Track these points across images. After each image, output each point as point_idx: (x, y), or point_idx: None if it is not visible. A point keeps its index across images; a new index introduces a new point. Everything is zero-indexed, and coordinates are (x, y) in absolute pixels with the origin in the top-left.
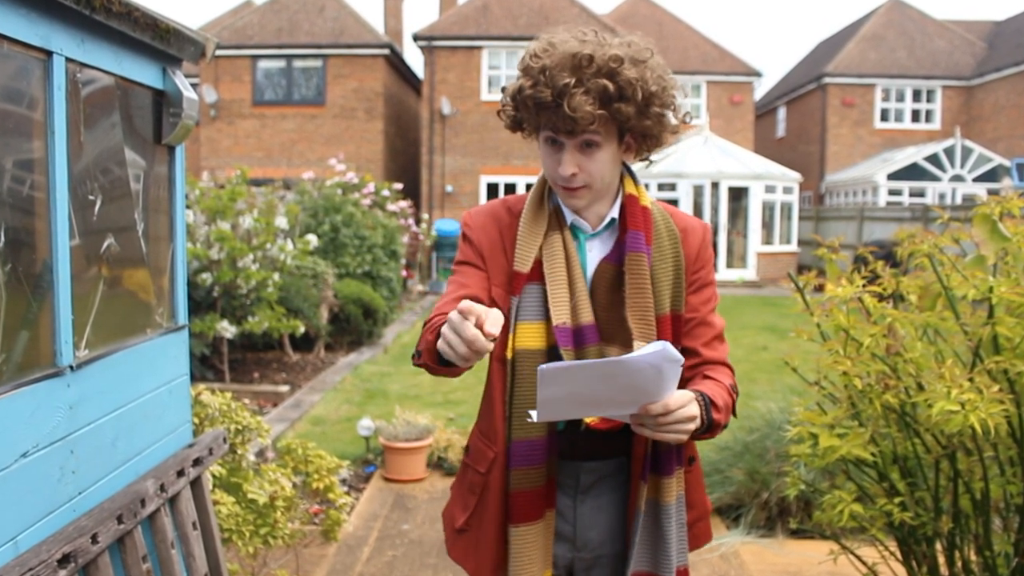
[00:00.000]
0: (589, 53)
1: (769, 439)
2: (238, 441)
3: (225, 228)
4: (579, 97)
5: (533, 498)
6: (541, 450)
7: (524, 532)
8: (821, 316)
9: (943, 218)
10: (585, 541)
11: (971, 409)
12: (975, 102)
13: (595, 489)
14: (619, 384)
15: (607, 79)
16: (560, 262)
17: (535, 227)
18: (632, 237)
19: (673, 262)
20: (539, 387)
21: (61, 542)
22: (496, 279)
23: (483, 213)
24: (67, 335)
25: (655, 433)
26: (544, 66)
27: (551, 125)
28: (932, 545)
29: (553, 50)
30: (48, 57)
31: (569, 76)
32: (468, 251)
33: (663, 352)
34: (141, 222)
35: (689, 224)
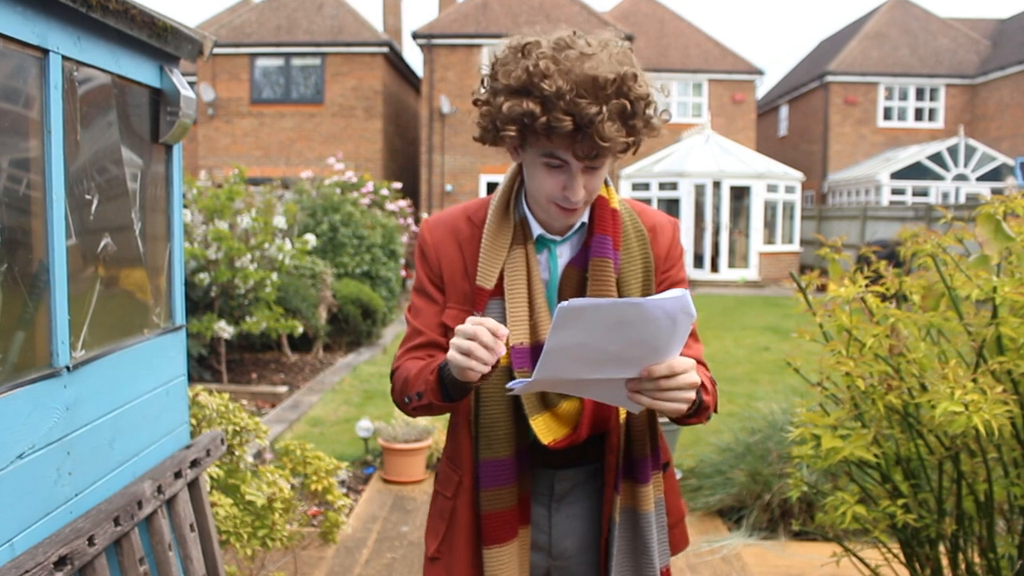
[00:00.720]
0: (612, 77)
1: (771, 440)
2: (236, 442)
3: (223, 228)
4: (608, 125)
5: (506, 518)
6: (510, 469)
7: (498, 554)
8: (823, 316)
9: (946, 217)
10: (561, 550)
11: (975, 410)
12: (979, 100)
13: (569, 496)
14: (631, 336)
15: (623, 98)
16: (521, 278)
17: (499, 240)
18: (598, 241)
19: (642, 263)
20: (553, 330)
21: (58, 544)
22: (454, 298)
23: (442, 226)
24: (63, 335)
25: (653, 401)
26: (560, 90)
27: (568, 149)
28: (935, 547)
29: (560, 68)
30: (44, 55)
31: (594, 104)
32: (423, 274)
33: (682, 300)
34: (138, 221)
35: (658, 222)
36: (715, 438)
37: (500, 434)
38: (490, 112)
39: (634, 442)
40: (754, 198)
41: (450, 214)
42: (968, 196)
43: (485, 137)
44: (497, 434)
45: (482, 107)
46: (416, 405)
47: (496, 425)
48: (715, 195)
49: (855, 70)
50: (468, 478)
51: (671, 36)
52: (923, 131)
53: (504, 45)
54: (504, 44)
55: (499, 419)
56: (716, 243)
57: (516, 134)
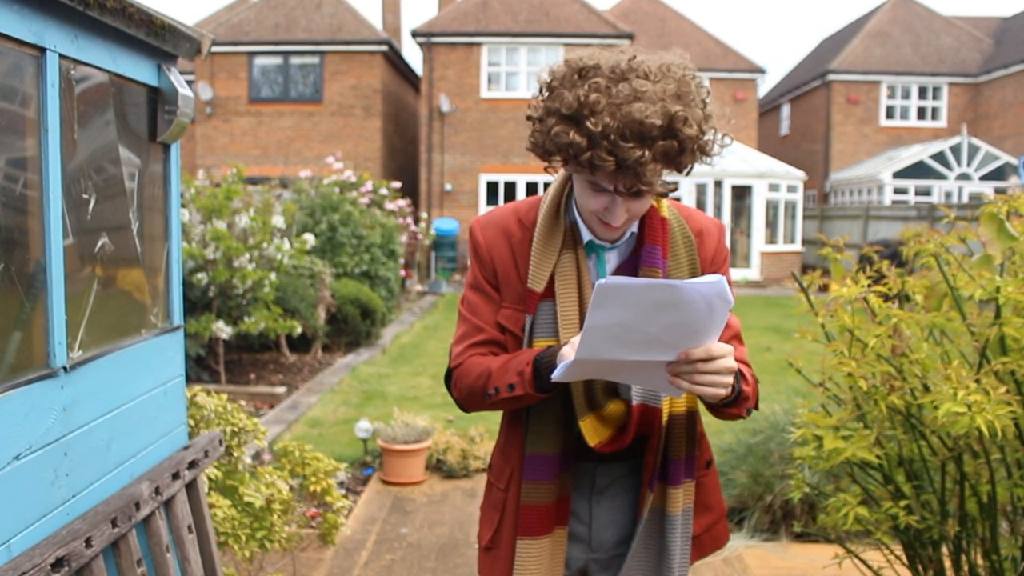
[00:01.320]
0: (660, 123)
1: (773, 441)
2: (234, 443)
3: (221, 227)
4: (650, 167)
5: (542, 513)
6: (553, 465)
7: (529, 546)
8: (825, 316)
9: (949, 217)
10: (600, 542)
11: (978, 411)
12: (982, 99)
13: (610, 490)
14: (669, 318)
15: (671, 140)
16: (572, 281)
17: (550, 244)
18: (648, 251)
19: (689, 269)
20: (592, 308)
21: (54, 546)
22: (508, 298)
23: (494, 227)
24: (61, 336)
25: (692, 385)
26: (606, 129)
27: (609, 181)
28: (938, 549)
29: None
30: (41, 54)
31: (638, 147)
32: (479, 272)
33: (718, 285)
34: (136, 221)
35: (705, 226)
36: (716, 439)
37: (548, 431)
38: (541, 131)
39: (672, 443)
40: (756, 197)
41: (501, 215)
42: (971, 195)
43: (535, 151)
44: (545, 431)
45: (535, 124)
46: (504, 397)
47: (544, 422)
48: (716, 194)
49: (857, 69)
50: (518, 471)
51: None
52: (926, 130)
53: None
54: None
55: (547, 417)
56: None
57: (562, 162)
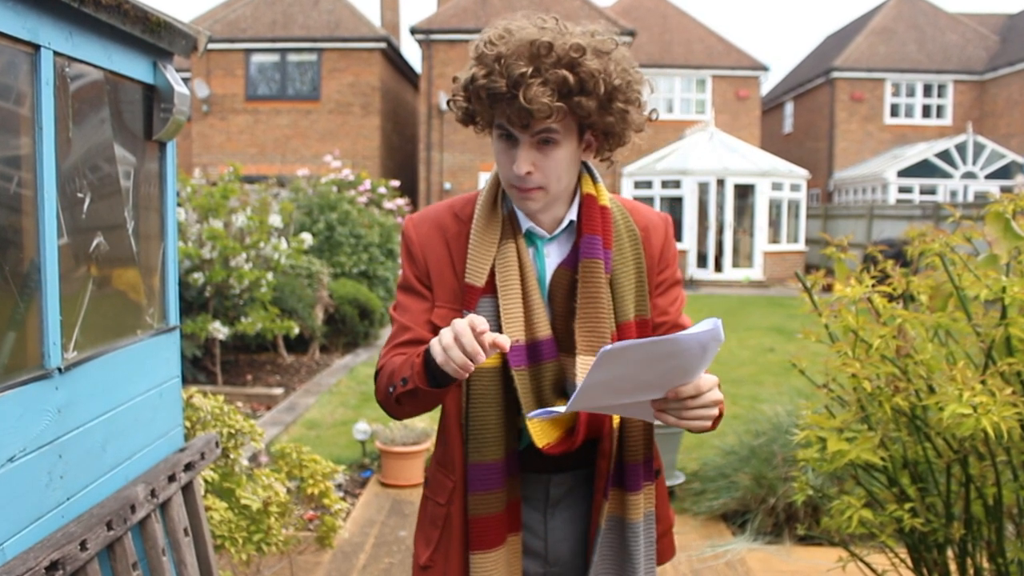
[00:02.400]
0: (548, 41)
1: (776, 443)
2: (231, 445)
3: (217, 226)
4: (536, 88)
5: (492, 523)
6: (498, 473)
7: (483, 560)
8: (829, 317)
9: (955, 216)
10: (557, 555)
11: (983, 412)
12: (988, 97)
13: (565, 501)
14: (664, 366)
15: (567, 70)
16: (514, 273)
17: (488, 235)
18: (587, 242)
19: (635, 264)
20: (593, 370)
21: (49, 549)
22: (443, 296)
23: (427, 222)
24: (55, 336)
25: (679, 420)
26: (499, 54)
27: (505, 117)
28: (943, 552)
29: (510, 37)
30: (36, 51)
31: (526, 65)
32: (411, 272)
33: (715, 331)
34: (131, 220)
35: (651, 221)
36: (719, 441)
37: (489, 437)
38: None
39: (627, 448)
40: (758, 196)
41: (435, 210)
42: (977, 194)
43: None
44: (486, 437)
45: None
46: (401, 392)
47: (486, 428)
48: (719, 193)
49: (862, 66)
50: (461, 483)
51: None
52: (931, 128)
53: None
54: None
55: (489, 421)
56: (720, 242)
57: (464, 100)
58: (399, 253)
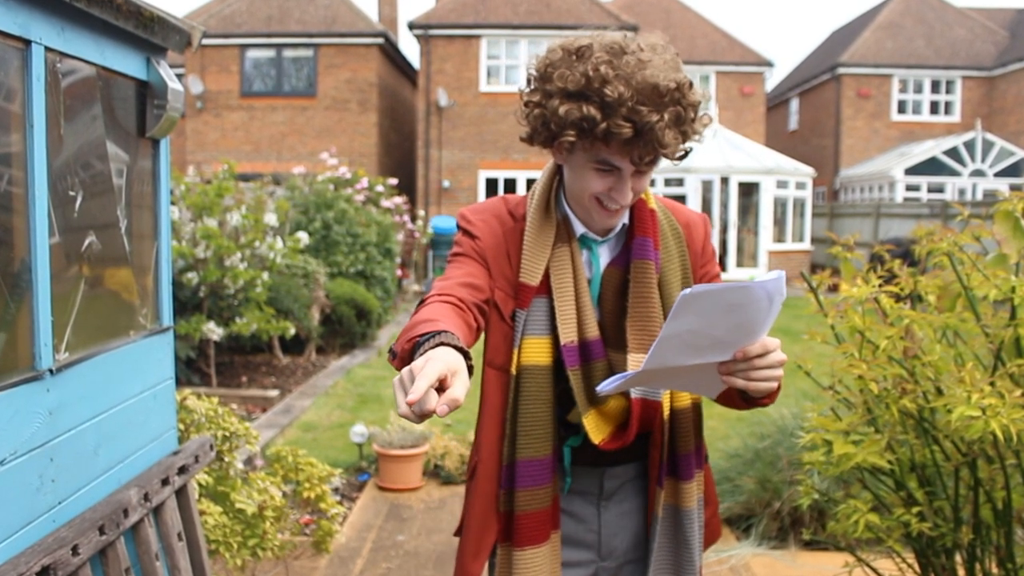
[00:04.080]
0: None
1: (781, 446)
2: (225, 448)
3: (212, 225)
4: (668, 132)
5: (541, 519)
6: (548, 469)
7: (532, 556)
8: (835, 317)
9: (963, 215)
10: (610, 549)
11: (992, 415)
12: (997, 93)
13: (618, 494)
14: (734, 319)
15: (679, 105)
16: (568, 277)
17: (542, 237)
18: (639, 244)
19: (680, 262)
20: (671, 318)
21: (40, 554)
22: (498, 282)
23: (486, 211)
24: (46, 337)
25: (748, 382)
26: (621, 97)
27: (623, 155)
28: (952, 557)
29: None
30: (27, 46)
31: (654, 111)
32: (469, 246)
33: (779, 281)
34: (124, 219)
35: (691, 219)
36: (723, 444)
37: (540, 433)
38: (543, 114)
39: (679, 438)
40: (763, 194)
41: (492, 203)
42: (986, 192)
43: (535, 138)
44: (538, 433)
45: (534, 108)
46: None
47: (537, 424)
48: (723, 191)
49: (868, 62)
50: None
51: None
52: (939, 125)
53: (556, 46)
54: (556, 45)
55: (540, 418)
56: (724, 241)
57: (575, 138)
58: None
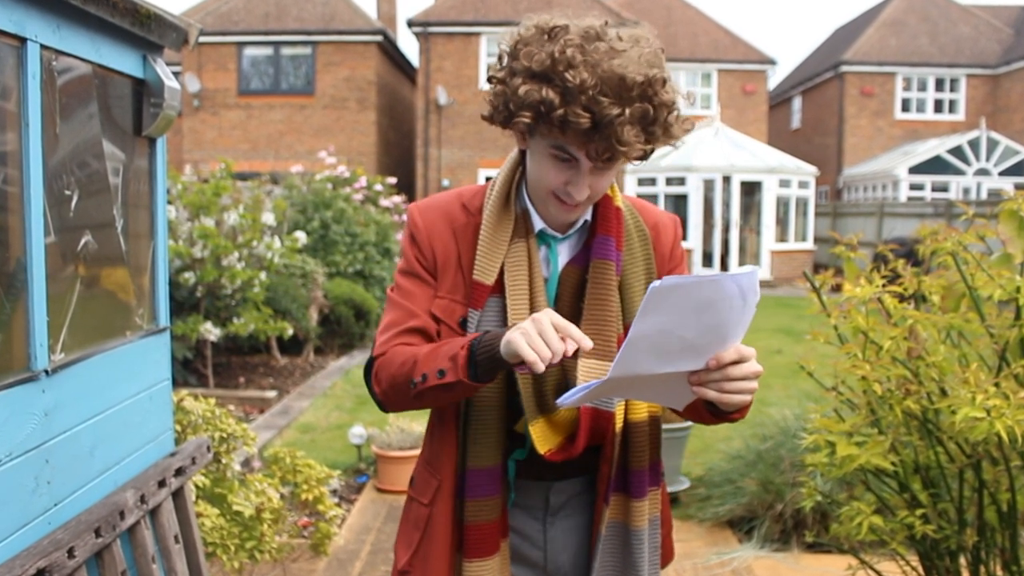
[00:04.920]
0: (640, 80)
1: (784, 448)
2: (223, 450)
3: (209, 225)
4: (628, 128)
5: (489, 530)
6: (496, 479)
7: (480, 568)
8: (838, 318)
9: (967, 214)
10: (557, 566)
11: (997, 416)
12: (1001, 91)
13: (565, 509)
14: (707, 320)
15: (647, 103)
16: (523, 273)
17: (499, 233)
18: (600, 242)
19: (644, 264)
20: (641, 314)
21: (35, 556)
22: (445, 287)
23: (435, 210)
24: (42, 338)
25: (720, 394)
26: (583, 84)
27: (579, 147)
28: (956, 560)
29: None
30: (22, 44)
31: (615, 104)
32: (415, 258)
33: (752, 275)
34: (120, 218)
35: (660, 220)
36: (725, 445)
37: (491, 442)
38: (504, 92)
39: (632, 453)
40: (766, 194)
41: (444, 198)
42: (990, 191)
43: (495, 117)
44: (488, 441)
45: (497, 85)
46: (431, 385)
47: (487, 432)
48: (725, 190)
49: (872, 59)
50: (448, 484)
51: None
52: (943, 123)
53: (531, 24)
54: (531, 23)
55: (491, 426)
56: (726, 241)
57: (530, 121)
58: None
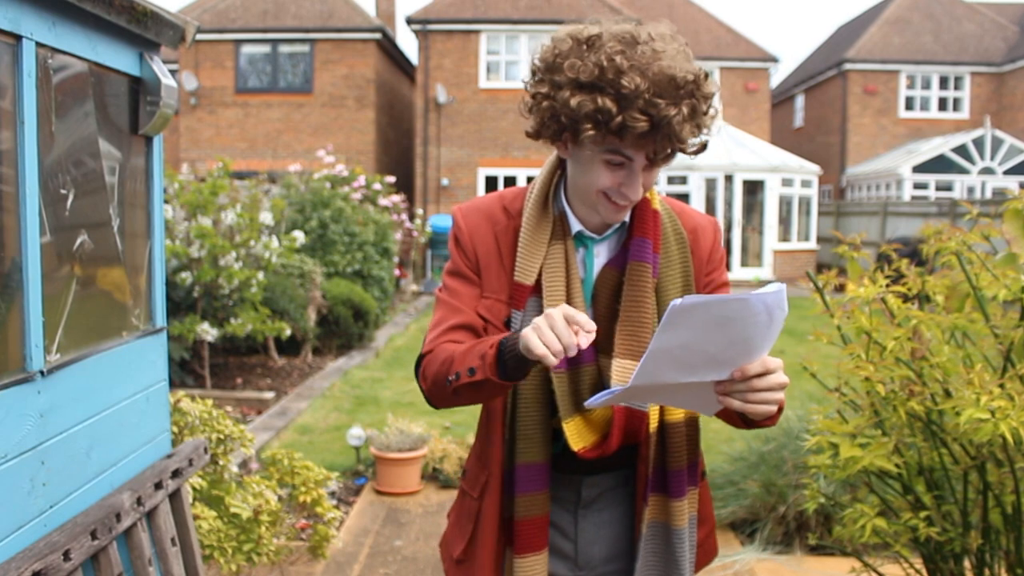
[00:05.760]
0: (690, 77)
1: (786, 449)
2: (220, 451)
3: (206, 224)
4: (685, 126)
5: (539, 525)
6: (544, 474)
7: (532, 563)
8: (842, 318)
9: (972, 213)
10: (588, 558)
11: (1002, 417)
12: (1006, 89)
13: (598, 503)
14: (731, 334)
15: (693, 98)
16: (560, 276)
17: (539, 235)
18: (637, 244)
19: (681, 268)
20: (661, 330)
21: (31, 559)
22: (490, 287)
23: (477, 213)
24: (37, 338)
25: (745, 404)
26: (638, 89)
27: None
28: (960, 562)
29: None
30: (17, 42)
31: (671, 104)
32: (460, 259)
33: (779, 294)
34: (117, 218)
35: (699, 224)
36: (727, 447)
37: (537, 438)
38: (552, 107)
39: (670, 453)
40: (768, 193)
41: (485, 201)
42: (995, 191)
43: (543, 132)
44: (535, 438)
45: (542, 101)
46: (464, 383)
47: (533, 428)
48: (727, 189)
49: (875, 57)
50: (496, 480)
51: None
52: (947, 122)
53: (564, 34)
54: (563, 33)
55: (536, 422)
56: (728, 240)
57: (592, 131)
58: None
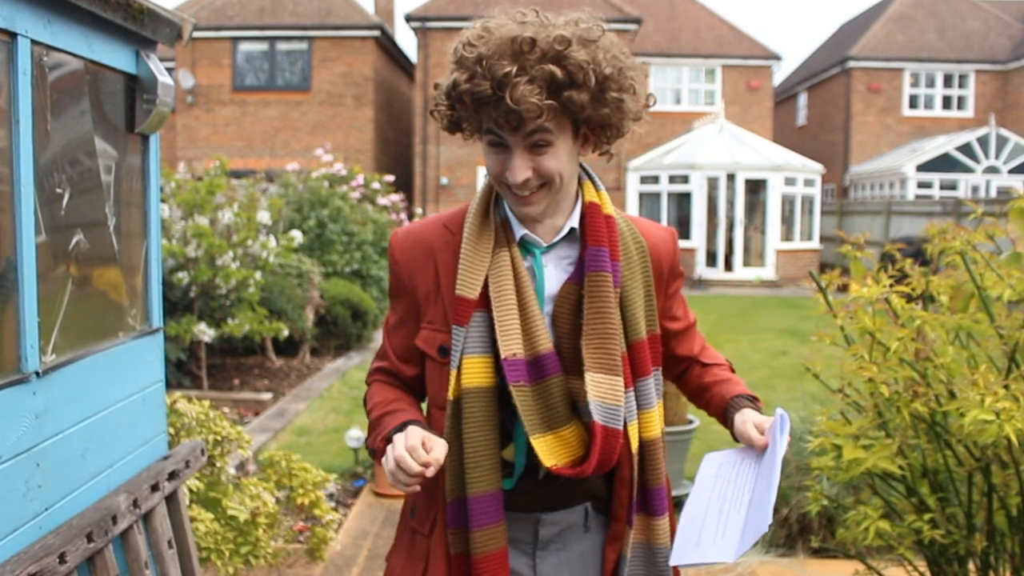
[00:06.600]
0: (530, 36)
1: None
2: (217, 453)
3: (203, 223)
4: (523, 87)
5: (499, 561)
6: (500, 504)
7: None
8: (845, 318)
9: (976, 212)
10: None
11: (1007, 419)
12: (1011, 87)
13: (556, 543)
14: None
15: (554, 64)
16: (508, 284)
17: (481, 244)
18: (593, 254)
19: (643, 278)
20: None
21: (26, 562)
22: (428, 316)
23: (412, 238)
24: (33, 339)
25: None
26: (480, 55)
27: (493, 121)
28: (964, 565)
29: (489, 36)
30: (12, 39)
31: (510, 64)
32: (394, 291)
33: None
34: (113, 217)
35: (658, 235)
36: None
37: (488, 465)
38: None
39: (650, 471)
40: (771, 192)
41: (423, 223)
42: (1000, 190)
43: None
44: (488, 464)
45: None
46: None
47: (485, 454)
48: (729, 189)
49: (879, 55)
50: (442, 515)
51: (682, 19)
52: (951, 120)
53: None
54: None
55: (488, 446)
56: (730, 240)
57: (448, 109)
58: None
